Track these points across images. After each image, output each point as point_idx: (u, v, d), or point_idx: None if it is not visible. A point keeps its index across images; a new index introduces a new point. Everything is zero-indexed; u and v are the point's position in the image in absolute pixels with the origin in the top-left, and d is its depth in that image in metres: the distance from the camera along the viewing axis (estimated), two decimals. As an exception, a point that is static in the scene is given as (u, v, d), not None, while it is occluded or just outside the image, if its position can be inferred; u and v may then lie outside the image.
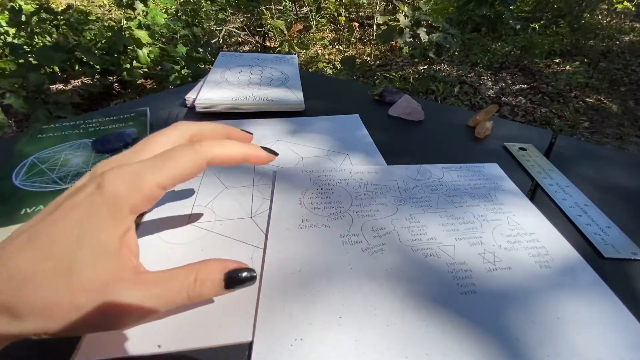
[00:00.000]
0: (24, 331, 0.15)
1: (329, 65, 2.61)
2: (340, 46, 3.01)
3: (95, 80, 2.00)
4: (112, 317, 0.15)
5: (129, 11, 2.17)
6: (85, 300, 0.15)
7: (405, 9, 2.34)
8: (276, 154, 0.24)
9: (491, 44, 2.78)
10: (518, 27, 2.78)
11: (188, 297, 0.17)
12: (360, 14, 3.62)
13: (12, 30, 1.98)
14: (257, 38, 3.04)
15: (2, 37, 1.97)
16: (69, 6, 2.38)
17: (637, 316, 0.24)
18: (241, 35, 3.08)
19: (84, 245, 0.15)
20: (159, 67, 2.05)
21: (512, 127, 0.51)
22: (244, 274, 0.19)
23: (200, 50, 2.12)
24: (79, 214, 0.16)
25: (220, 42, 2.91)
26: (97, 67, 1.92)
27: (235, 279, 0.18)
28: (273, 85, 0.58)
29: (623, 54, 2.74)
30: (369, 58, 2.76)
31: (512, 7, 2.85)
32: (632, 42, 2.95)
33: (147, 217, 0.32)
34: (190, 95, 0.54)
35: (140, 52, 1.96)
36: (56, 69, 1.86)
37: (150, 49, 2.04)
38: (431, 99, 2.12)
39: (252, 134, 0.25)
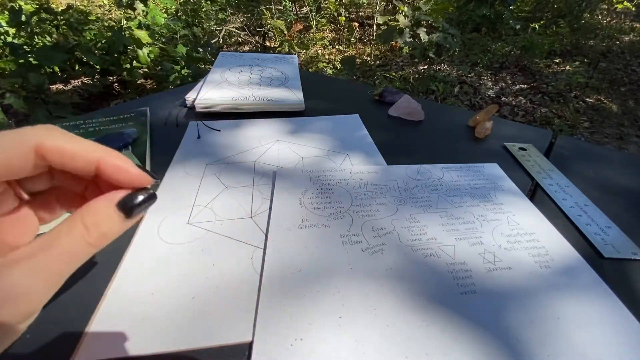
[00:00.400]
0: None
1: (329, 65, 2.61)
2: (340, 46, 3.01)
3: (95, 80, 2.00)
4: (15, 304, 0.13)
5: (129, 11, 2.17)
6: None
7: (405, 9, 2.34)
8: (156, 179, 0.17)
9: (491, 44, 2.78)
10: (518, 27, 2.77)
11: (89, 245, 0.15)
12: (360, 14, 3.62)
13: (12, 30, 1.98)
14: (257, 38, 3.04)
15: (2, 37, 1.97)
16: (69, 6, 2.38)
17: (637, 316, 0.24)
18: (241, 35, 3.08)
19: None
20: (159, 67, 2.05)
21: (512, 127, 0.51)
22: (139, 197, 0.16)
23: (200, 50, 2.12)
24: None
25: (220, 42, 2.91)
26: (97, 67, 1.92)
27: (131, 206, 0.15)
28: (273, 85, 0.58)
29: (623, 54, 2.74)
30: (369, 58, 2.76)
31: (512, 7, 2.85)
32: (632, 42, 2.95)
33: (147, 217, 0.32)
34: (190, 95, 0.54)
35: (140, 52, 1.96)
36: (56, 69, 1.86)
37: (150, 49, 2.04)
38: (431, 99, 2.12)
39: (152, 178, 0.17)
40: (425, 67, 2.55)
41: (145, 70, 2.14)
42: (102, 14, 3.25)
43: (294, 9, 3.37)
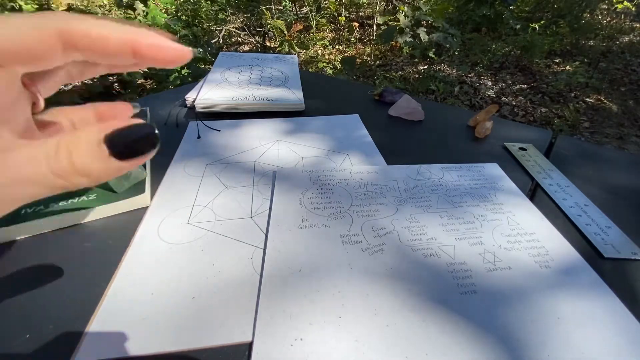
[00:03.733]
0: None
1: (329, 65, 2.61)
2: (340, 46, 3.01)
3: (95, 80, 2.00)
4: None
5: (129, 11, 2.17)
6: None
7: (405, 9, 2.34)
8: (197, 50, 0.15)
9: (491, 44, 2.78)
10: (518, 27, 2.78)
11: (51, 171, 0.11)
12: (360, 14, 3.62)
13: (12, 31, 1.98)
14: (257, 38, 3.04)
15: (2, 37, 1.97)
16: (69, 6, 2.38)
17: (637, 316, 0.24)
18: (241, 35, 3.08)
19: None
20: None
21: (512, 127, 0.51)
22: (134, 131, 0.12)
23: (200, 50, 2.12)
24: None
25: (220, 42, 2.91)
26: (97, 67, 1.92)
27: (120, 139, 0.12)
28: (273, 85, 0.58)
29: (623, 54, 2.74)
30: (369, 58, 2.76)
31: (512, 7, 2.86)
32: (632, 42, 2.94)
33: (147, 217, 0.32)
34: (190, 95, 0.54)
35: (140, 52, 1.96)
36: (56, 69, 1.86)
37: (151, 49, 2.03)
38: (431, 99, 2.12)
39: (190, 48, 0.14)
40: (425, 67, 2.55)
41: (145, 70, 2.14)
42: (102, 14, 3.25)
43: (294, 9, 3.37)
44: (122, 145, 0.12)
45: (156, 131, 0.13)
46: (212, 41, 2.71)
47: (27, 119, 0.14)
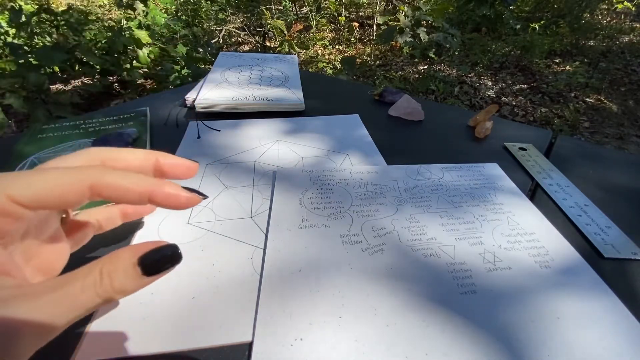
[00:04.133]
0: None
1: (329, 65, 2.61)
2: (340, 46, 3.01)
3: (95, 80, 2.00)
4: (2, 341, 0.13)
5: (129, 11, 2.17)
6: None
7: (405, 9, 2.34)
8: (204, 197, 0.18)
9: (491, 44, 2.78)
10: (518, 27, 2.78)
11: (97, 295, 0.14)
12: (360, 14, 3.62)
13: (12, 31, 1.98)
14: (257, 38, 3.04)
15: (2, 37, 1.97)
16: (69, 6, 2.38)
17: (637, 316, 0.24)
18: (241, 35, 3.08)
19: None
20: (159, 67, 2.05)
21: (512, 127, 0.51)
22: (162, 252, 0.15)
23: (200, 50, 2.12)
24: None
25: (220, 42, 2.91)
26: (97, 67, 1.93)
27: (151, 260, 0.15)
28: (273, 85, 0.58)
29: (623, 54, 2.74)
30: (369, 58, 2.76)
31: (512, 7, 2.86)
32: (632, 42, 2.94)
33: (147, 217, 0.32)
34: (190, 95, 0.54)
35: (140, 52, 1.96)
36: (56, 69, 1.86)
37: (150, 49, 2.04)
38: (431, 99, 2.12)
39: (197, 162, 0.20)
40: (425, 67, 2.55)
41: (145, 70, 2.14)
42: (102, 14, 3.25)
43: (294, 9, 3.37)
44: (151, 265, 0.15)
45: (179, 250, 0.16)
46: (212, 41, 2.71)
47: (56, 229, 0.18)
